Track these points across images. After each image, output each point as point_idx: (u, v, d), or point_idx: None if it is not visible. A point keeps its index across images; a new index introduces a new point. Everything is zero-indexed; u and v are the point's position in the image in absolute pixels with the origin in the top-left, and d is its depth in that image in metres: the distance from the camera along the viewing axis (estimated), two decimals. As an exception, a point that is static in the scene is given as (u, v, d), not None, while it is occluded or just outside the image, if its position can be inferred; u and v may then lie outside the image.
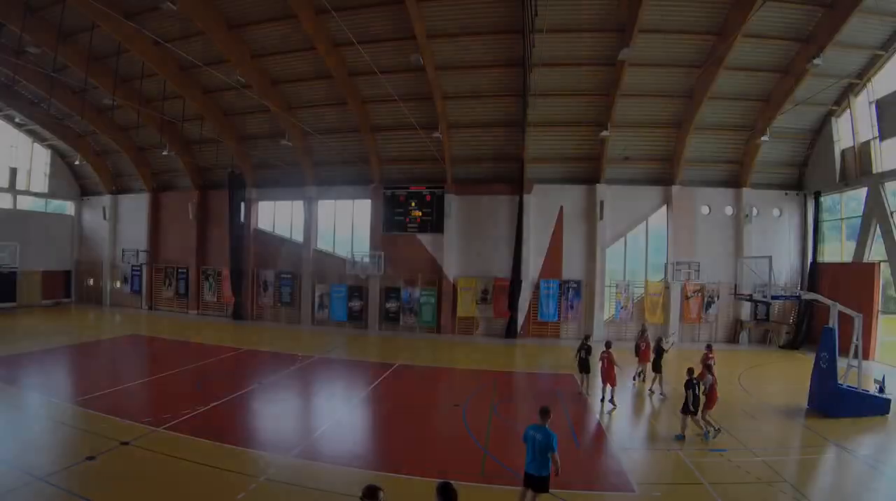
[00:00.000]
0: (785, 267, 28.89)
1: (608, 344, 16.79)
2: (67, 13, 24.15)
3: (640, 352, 19.42)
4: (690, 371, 13.64)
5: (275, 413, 14.78)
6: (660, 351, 18.22)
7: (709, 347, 17.25)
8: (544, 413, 8.66)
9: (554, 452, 8.25)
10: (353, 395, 16.85)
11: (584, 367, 17.43)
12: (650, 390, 17.95)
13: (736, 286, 25.66)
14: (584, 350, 17.55)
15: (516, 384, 18.80)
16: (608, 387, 16.27)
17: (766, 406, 16.32)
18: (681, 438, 13.12)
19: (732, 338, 29.22)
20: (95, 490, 9.18)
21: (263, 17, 25.06)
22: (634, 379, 19.36)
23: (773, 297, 18.35)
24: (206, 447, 11.39)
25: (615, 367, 16.27)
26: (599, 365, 16.67)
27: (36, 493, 8.96)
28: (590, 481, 10.54)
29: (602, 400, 16.39)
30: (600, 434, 13.92)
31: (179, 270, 36.02)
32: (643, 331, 20.21)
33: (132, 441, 11.41)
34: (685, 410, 13.23)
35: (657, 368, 17.97)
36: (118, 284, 38.48)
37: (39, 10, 25.55)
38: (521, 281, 29.28)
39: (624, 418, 15.60)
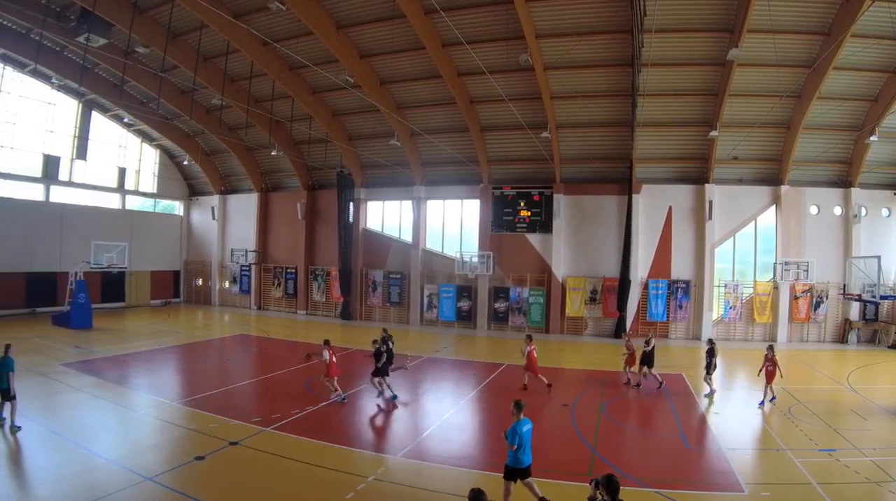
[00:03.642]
0: (894, 266, 22.57)
1: (529, 338, 14.42)
2: (176, 13, 19.91)
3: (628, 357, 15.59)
4: (376, 342, 13.18)
5: (383, 413, 12.23)
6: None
7: (770, 348, 13.63)
8: (522, 405, 7.30)
9: None
10: (462, 395, 13.91)
11: (381, 370, 13.13)
12: (762, 403, 13.30)
13: (845, 286, 20.97)
14: (386, 350, 13.25)
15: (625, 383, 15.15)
16: (530, 375, 14.13)
17: (875, 406, 13.28)
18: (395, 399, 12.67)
19: (841, 338, 22.98)
20: (204, 489, 7.52)
21: (372, 18, 19.94)
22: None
23: (882, 297, 15.85)
24: (315, 447, 9.52)
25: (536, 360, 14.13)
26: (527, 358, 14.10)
27: (145, 493, 7.32)
28: (699, 481, 8.66)
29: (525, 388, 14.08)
30: (708, 434, 11.17)
31: (288, 270, 29.44)
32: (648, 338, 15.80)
33: (241, 441, 9.55)
34: (377, 373, 12.79)
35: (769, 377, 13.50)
36: (227, 284, 31.77)
37: (148, 10, 20.70)
38: (629, 281, 23.30)
39: (730, 419, 12.39)
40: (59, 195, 27.07)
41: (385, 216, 27.95)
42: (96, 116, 28.14)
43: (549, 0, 18.18)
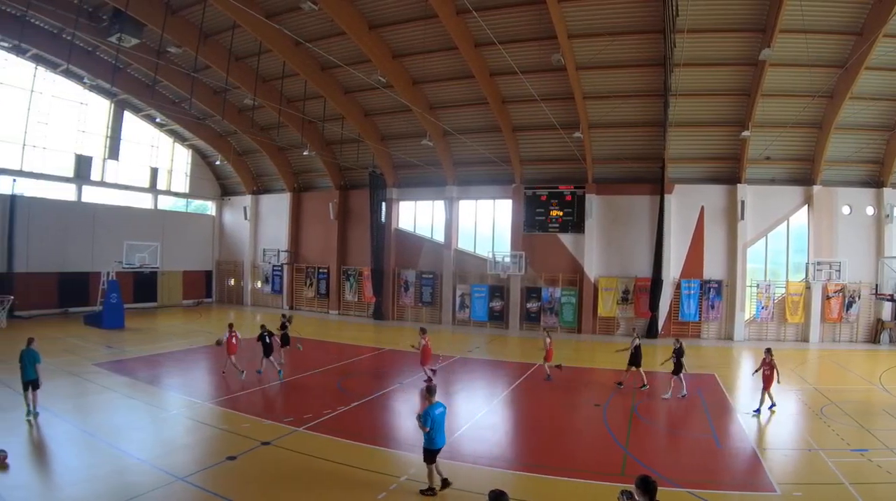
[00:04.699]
0: (926, 266, 21.01)
1: (423, 330, 13.98)
2: (208, 13, 18.54)
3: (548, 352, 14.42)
4: (264, 327, 13.56)
5: (416, 413, 10.53)
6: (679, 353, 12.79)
7: (768, 351, 12.07)
8: (434, 390, 7.63)
9: None
10: (494, 395, 13.02)
11: (266, 351, 13.56)
12: (757, 411, 11.67)
13: (877, 286, 19.63)
14: (267, 334, 13.56)
15: (657, 384, 13.91)
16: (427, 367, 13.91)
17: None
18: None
19: (873, 338, 21.40)
20: (236, 490, 7.01)
21: (404, 18, 18.60)
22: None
23: (915, 297, 14.41)
24: (347, 447, 8.75)
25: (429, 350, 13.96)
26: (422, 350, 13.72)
27: (177, 493, 6.82)
28: (731, 481, 7.90)
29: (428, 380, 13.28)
30: (740, 434, 10.29)
31: (320, 270, 27.86)
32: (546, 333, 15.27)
33: (273, 441, 8.83)
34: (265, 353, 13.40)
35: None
36: (259, 284, 30.11)
37: (180, 10, 19.43)
38: (661, 281, 21.76)
39: (762, 419, 11.30)
40: (91, 195, 25.66)
41: (417, 216, 26.42)
42: (128, 116, 26.66)
43: (582, 0, 16.85)
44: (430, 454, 7.11)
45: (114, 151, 26.06)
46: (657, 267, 21.77)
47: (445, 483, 7.18)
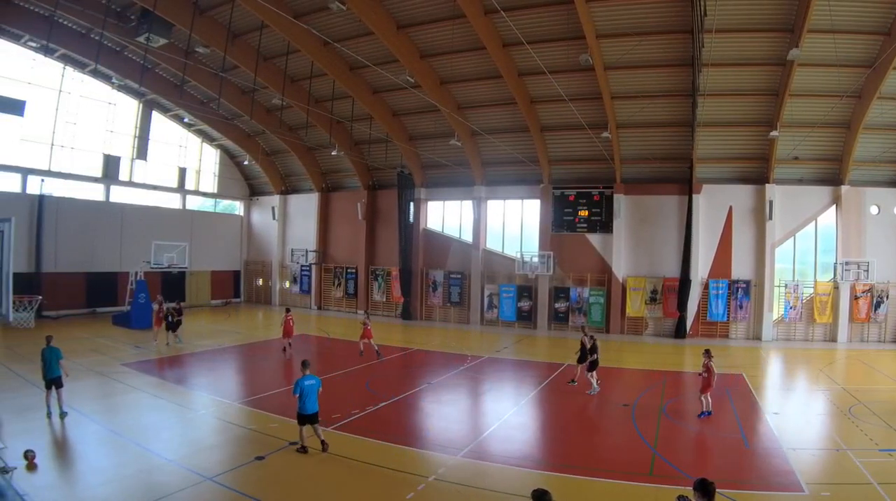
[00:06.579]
0: (954, 266, 19.59)
1: (288, 310, 15.12)
2: (236, 13, 17.22)
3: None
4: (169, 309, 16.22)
5: (444, 413, 10.82)
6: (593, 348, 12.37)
7: (706, 353, 10.71)
8: (307, 364, 8.13)
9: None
10: (522, 395, 12.21)
11: (169, 327, 16.23)
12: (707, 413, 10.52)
13: None
14: (171, 314, 16.46)
15: (685, 384, 13.30)
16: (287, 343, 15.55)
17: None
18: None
19: (901, 338, 19.88)
20: (264, 489, 6.66)
21: (432, 18, 17.37)
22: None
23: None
24: (375, 447, 8.20)
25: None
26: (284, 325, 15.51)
27: (205, 493, 6.47)
28: (759, 481, 7.30)
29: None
30: (768, 434, 9.44)
31: (348, 270, 26.18)
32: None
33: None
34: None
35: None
36: (287, 284, 28.38)
37: (209, 10, 18.16)
38: (690, 281, 20.23)
39: (790, 419, 10.60)
40: (120, 195, 24.02)
41: (445, 216, 24.76)
42: (156, 116, 25.00)
43: (610, 0, 15.56)
44: (300, 417, 7.73)
45: (142, 151, 24.43)
46: (685, 267, 20.27)
47: (324, 446, 7.73)
